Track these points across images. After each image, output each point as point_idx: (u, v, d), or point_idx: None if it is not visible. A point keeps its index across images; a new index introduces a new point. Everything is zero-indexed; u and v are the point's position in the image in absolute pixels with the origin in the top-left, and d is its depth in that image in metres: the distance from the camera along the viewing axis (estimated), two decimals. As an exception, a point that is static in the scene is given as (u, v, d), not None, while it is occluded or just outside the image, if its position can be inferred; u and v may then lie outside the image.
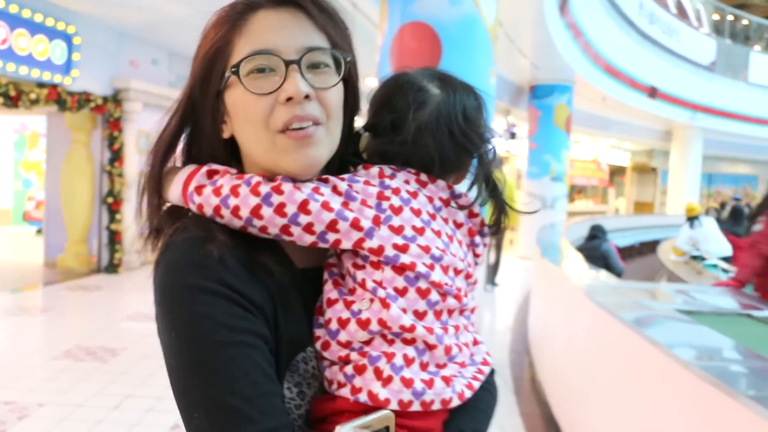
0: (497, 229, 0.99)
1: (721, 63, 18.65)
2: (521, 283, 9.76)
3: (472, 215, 0.95)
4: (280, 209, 0.81)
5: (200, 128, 0.91)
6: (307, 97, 0.84)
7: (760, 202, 5.08)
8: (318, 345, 0.86)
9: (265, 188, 0.81)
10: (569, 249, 6.02)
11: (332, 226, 0.82)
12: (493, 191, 0.97)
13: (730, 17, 22.02)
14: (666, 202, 20.97)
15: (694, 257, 9.18)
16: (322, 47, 0.87)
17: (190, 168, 0.88)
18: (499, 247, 9.60)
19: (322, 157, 0.87)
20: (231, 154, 0.92)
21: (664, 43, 16.10)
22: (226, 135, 0.90)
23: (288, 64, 0.84)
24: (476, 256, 0.97)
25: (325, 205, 0.82)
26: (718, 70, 18.50)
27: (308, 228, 0.82)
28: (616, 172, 27.10)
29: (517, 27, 9.35)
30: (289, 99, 0.83)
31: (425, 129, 0.91)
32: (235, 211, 0.81)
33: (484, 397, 0.96)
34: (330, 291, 0.88)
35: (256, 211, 0.81)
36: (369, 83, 1.08)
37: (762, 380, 2.03)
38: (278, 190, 0.81)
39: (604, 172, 25.21)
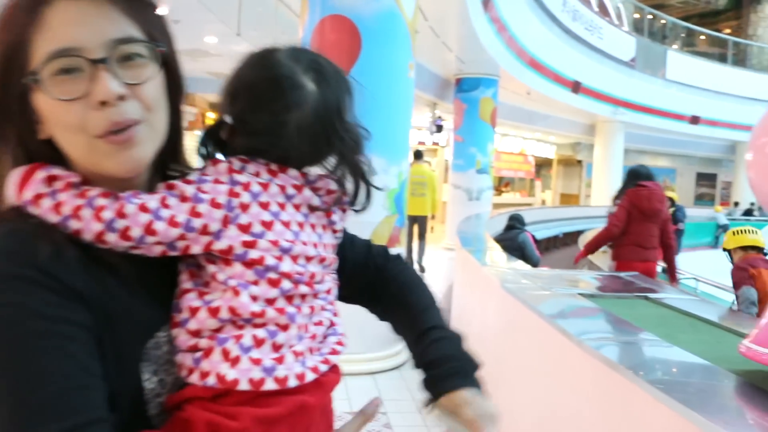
0: (362, 208, 0.99)
1: (640, 60, 19.37)
2: (445, 274, 9.90)
3: (329, 193, 0.94)
4: (124, 233, 0.78)
5: (15, 129, 0.81)
6: (122, 97, 0.77)
7: (620, 188, 5.70)
8: (173, 333, 0.85)
9: (108, 214, 0.77)
10: (489, 240, 6.16)
11: (181, 238, 0.82)
12: (352, 168, 0.96)
13: (649, 16, 22.90)
14: (591, 194, 21.61)
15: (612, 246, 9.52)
16: (131, 37, 0.79)
17: (23, 168, 0.79)
18: (422, 236, 9.81)
19: (147, 155, 0.82)
20: (56, 152, 0.82)
21: (587, 39, 16.61)
22: (42, 136, 0.81)
23: (94, 63, 0.76)
24: (335, 232, 0.97)
25: (172, 221, 0.80)
26: (638, 67, 19.23)
27: (157, 243, 0.81)
28: (543, 165, 27.70)
29: (441, 21, 9.45)
30: (102, 102, 0.76)
31: (302, 132, 0.90)
32: (78, 233, 0.77)
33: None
34: (185, 281, 0.87)
35: (99, 237, 0.77)
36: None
37: (650, 358, 2.16)
38: (122, 214, 0.78)
39: (530, 165, 25.66)
